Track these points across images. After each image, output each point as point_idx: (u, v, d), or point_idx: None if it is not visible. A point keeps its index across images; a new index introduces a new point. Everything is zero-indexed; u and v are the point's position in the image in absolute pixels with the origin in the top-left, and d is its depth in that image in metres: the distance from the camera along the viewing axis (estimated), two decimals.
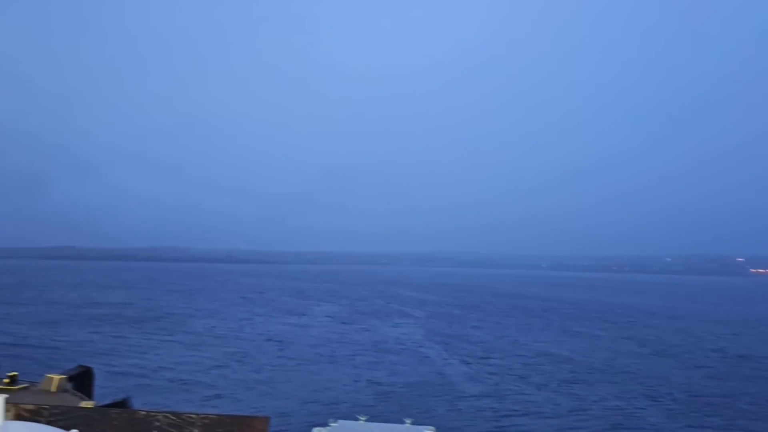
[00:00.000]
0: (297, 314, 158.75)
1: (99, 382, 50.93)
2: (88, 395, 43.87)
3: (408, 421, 18.68)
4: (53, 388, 42.60)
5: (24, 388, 42.21)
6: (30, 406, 19.80)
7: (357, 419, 19.05)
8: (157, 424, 19.42)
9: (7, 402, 13.53)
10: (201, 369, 78.88)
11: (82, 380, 45.49)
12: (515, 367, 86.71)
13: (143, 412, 19.92)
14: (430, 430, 17.94)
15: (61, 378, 43.47)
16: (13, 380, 41.96)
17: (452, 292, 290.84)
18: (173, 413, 20.18)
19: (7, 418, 12.96)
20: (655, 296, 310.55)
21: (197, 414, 20.16)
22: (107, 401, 41.44)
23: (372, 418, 19.53)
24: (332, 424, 19.05)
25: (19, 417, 19.49)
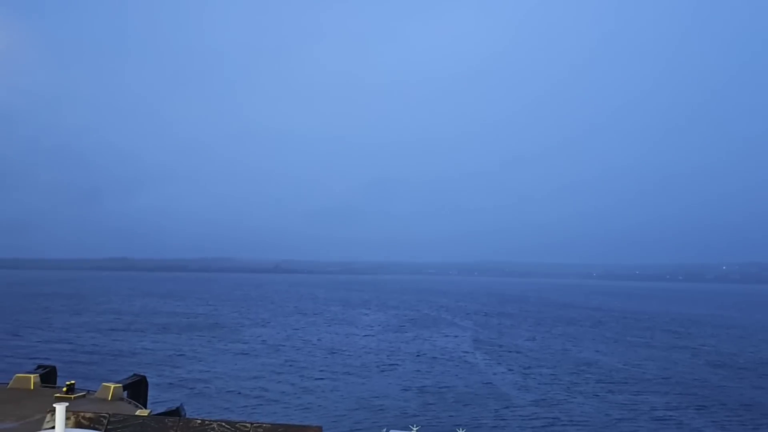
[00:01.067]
0: (346, 323, 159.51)
1: (152, 390, 52.21)
2: (143, 403, 44.99)
3: (460, 431, 18.57)
4: (109, 397, 43.83)
5: (82, 396, 43.54)
6: (89, 414, 20.45)
7: (409, 429, 19.04)
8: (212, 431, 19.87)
9: (68, 410, 14.05)
10: (252, 377, 79.84)
11: (136, 389, 46.71)
12: (564, 377, 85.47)
13: (198, 421, 20.39)
14: None
15: (116, 386, 44.71)
16: (71, 389, 43.31)
17: (500, 302, 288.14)
18: (227, 422, 20.60)
19: (67, 426, 13.44)
20: (710, 305, 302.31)
21: (251, 423, 20.51)
22: (161, 409, 42.38)
23: (423, 428, 19.50)
24: None
25: (79, 425, 20.17)
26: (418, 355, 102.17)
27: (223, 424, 19.52)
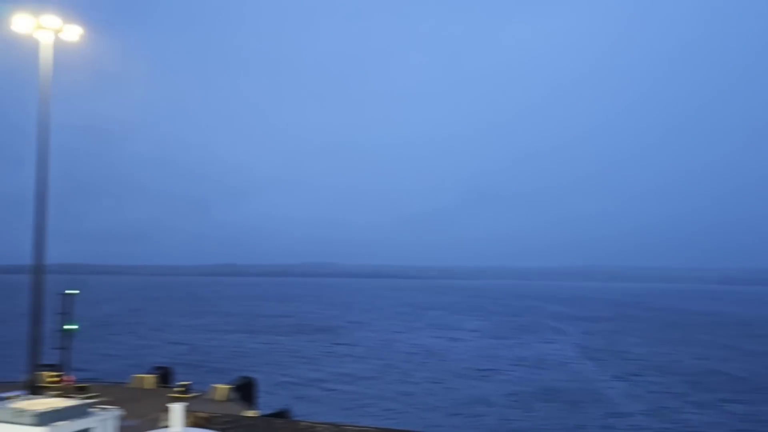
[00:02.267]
0: (446, 328, 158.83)
1: (261, 392, 53.72)
2: (251, 405, 46.43)
3: None
4: (220, 398, 45.58)
5: (195, 396, 45.49)
6: (204, 414, 21.31)
7: None
8: None
9: (184, 409, 14.65)
10: (356, 380, 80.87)
11: (245, 390, 48.30)
12: (675, 385, 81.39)
13: (305, 423, 20.78)
14: None
15: (227, 388, 46.46)
16: (186, 389, 45.32)
17: (606, 307, 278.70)
18: (333, 425, 20.87)
19: (184, 424, 13.97)
20: None
21: (356, 426, 20.71)
22: (269, 411, 43.59)
23: None
24: None
25: (194, 424, 21.02)
26: (520, 361, 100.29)
27: (330, 426, 19.72)
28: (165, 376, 50.06)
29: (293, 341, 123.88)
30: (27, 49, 44.65)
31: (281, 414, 38.62)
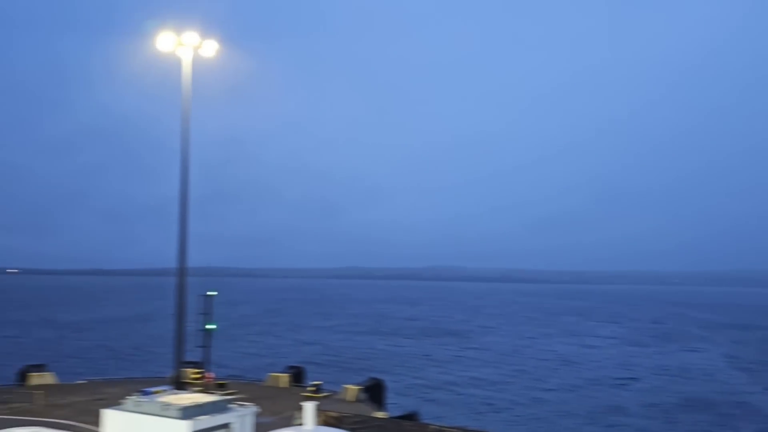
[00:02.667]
0: (579, 335, 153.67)
1: (389, 393, 54.34)
2: (380, 406, 47.03)
3: None
4: (350, 398, 46.55)
5: (326, 396, 46.76)
6: (335, 414, 21.88)
7: None
8: None
9: (316, 408, 15.07)
10: (485, 385, 79.96)
11: (374, 392, 48.98)
12: None
13: (434, 426, 20.81)
14: None
15: (357, 389, 47.36)
16: (317, 389, 46.69)
17: (759, 315, 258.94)
18: (462, 429, 20.74)
19: (315, 423, 14.37)
20: None
21: None
22: (398, 413, 43.98)
23: None
24: None
25: (325, 423, 21.60)
26: (662, 371, 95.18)
27: (459, 431, 19.57)
28: (298, 376, 51.78)
29: (422, 344, 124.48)
30: (167, 66, 47.89)
31: (410, 416, 38.82)
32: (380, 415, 35.83)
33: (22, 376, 48.21)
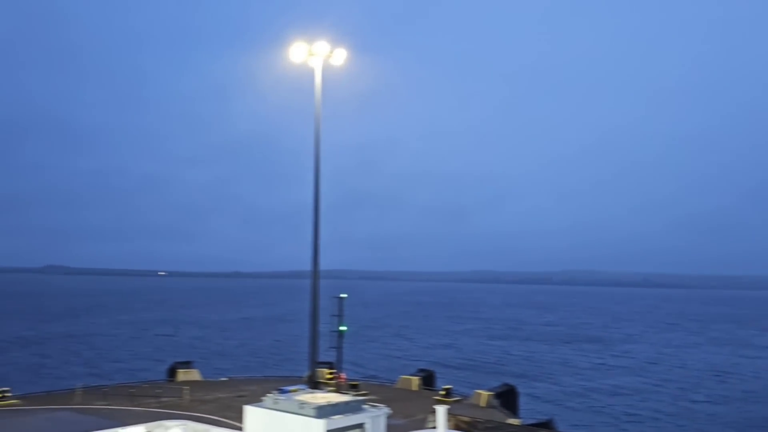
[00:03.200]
0: (732, 344, 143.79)
1: (523, 400, 53.35)
2: (513, 413, 46.27)
3: None
4: (482, 403, 46.12)
5: (458, 400, 46.63)
6: (467, 418, 21.81)
7: None
8: None
9: (448, 412, 15.09)
10: (623, 394, 76.47)
11: (507, 397, 48.25)
12: None
13: None
14: None
15: (489, 394, 46.86)
16: (448, 393, 46.66)
17: None
18: None
19: (447, 427, 14.41)
20: None
21: None
22: (532, 420, 43.09)
23: None
24: None
25: (457, 427, 21.57)
26: None
27: None
28: (428, 379, 51.97)
29: (558, 350, 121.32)
30: (301, 76, 49.67)
31: (545, 424, 37.92)
32: (513, 421, 35.27)
33: (171, 372, 51.72)
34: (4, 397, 39.67)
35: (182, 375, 50.38)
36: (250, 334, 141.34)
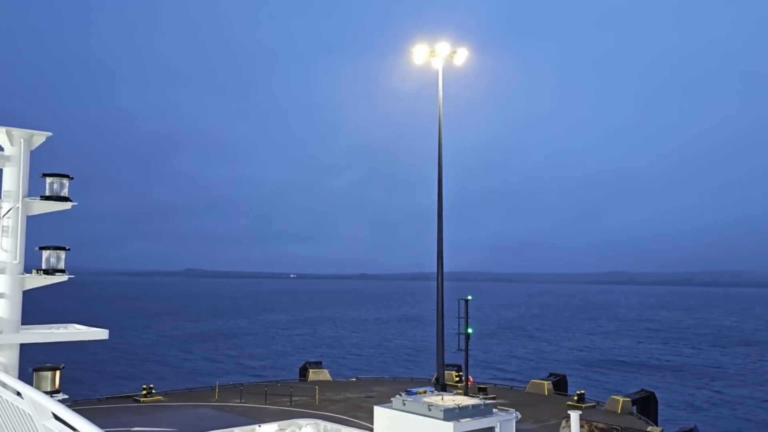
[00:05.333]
0: None
1: (662, 407, 50.74)
2: (653, 420, 44.09)
3: None
4: (618, 410, 44.34)
5: (592, 406, 45.08)
6: (602, 425, 20.98)
7: None
8: None
9: (581, 418, 14.57)
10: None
11: (645, 404, 46.09)
12: None
13: None
14: None
15: (625, 400, 44.97)
16: (581, 398, 45.27)
17: None
18: None
19: None
20: None
21: None
22: (673, 429, 40.88)
23: None
24: None
25: None
26: None
27: None
28: (560, 383, 50.58)
29: (701, 354, 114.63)
30: (425, 78, 49.87)
31: None
32: (653, 429, 33.61)
33: (303, 371, 53.38)
34: (149, 393, 42.48)
35: (313, 375, 51.85)
36: (379, 335, 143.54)
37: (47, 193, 9.74)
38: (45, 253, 9.86)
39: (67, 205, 9.91)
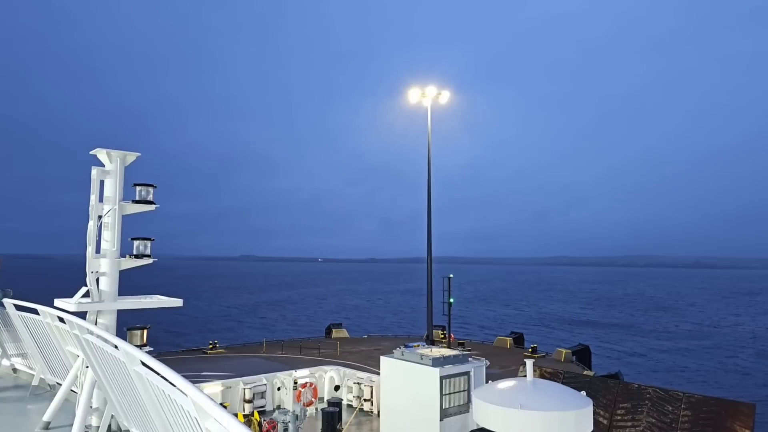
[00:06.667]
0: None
1: (595, 358, 50.53)
2: (588, 367, 43.91)
3: None
4: (562, 359, 44.16)
5: (542, 356, 44.91)
6: (549, 370, 20.89)
7: None
8: (648, 396, 18.10)
9: (534, 365, 14.57)
10: (679, 352, 70.86)
11: (582, 354, 45.91)
12: None
13: (635, 385, 18.84)
14: None
15: (567, 351, 44.81)
16: (535, 350, 45.10)
17: None
18: (661, 389, 18.52)
19: (534, 377, 13.88)
20: None
21: (683, 392, 18.03)
22: (602, 373, 40.70)
23: None
24: None
25: (541, 377, 20.72)
26: None
27: (658, 390, 17.53)
28: (519, 339, 50.42)
29: (626, 317, 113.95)
30: (415, 113, 49.73)
31: (614, 376, 35.70)
32: (587, 373, 33.44)
33: (328, 331, 53.36)
34: (214, 347, 42.51)
35: (335, 333, 51.84)
36: (384, 303, 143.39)
37: (137, 198, 9.79)
38: (136, 243, 9.90)
39: (152, 207, 9.95)
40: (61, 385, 9.73)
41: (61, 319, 9.48)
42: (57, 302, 9.28)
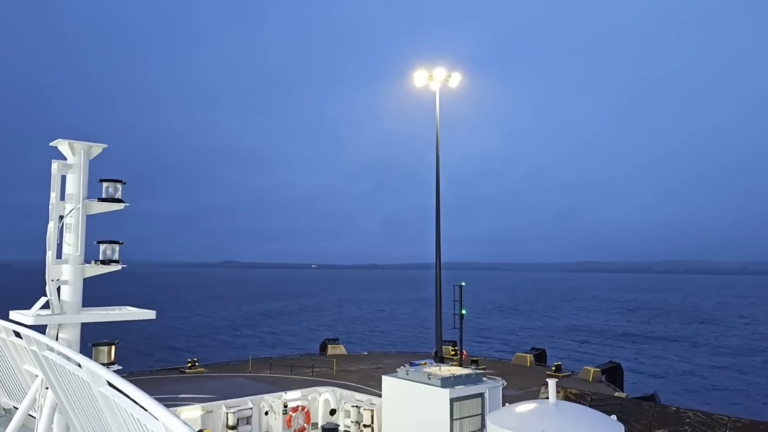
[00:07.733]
0: None
1: (627, 376, 50.48)
2: (619, 387, 43.90)
3: None
4: (590, 378, 44.17)
5: (567, 375, 44.90)
6: (575, 390, 20.89)
7: None
8: (688, 420, 18.09)
9: (558, 385, 14.55)
10: (722, 369, 70.76)
11: (613, 373, 45.91)
12: None
13: (673, 408, 18.84)
14: None
15: (596, 370, 44.81)
16: (558, 368, 45.08)
17: None
18: (703, 413, 18.50)
19: (557, 398, 13.84)
20: None
21: (728, 416, 17.99)
22: (636, 394, 40.69)
23: None
24: None
25: (566, 398, 20.70)
26: None
27: (699, 414, 17.51)
28: (540, 356, 50.42)
29: (662, 330, 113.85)
30: (422, 99, 49.65)
31: (648, 398, 35.67)
32: (620, 395, 33.42)
33: (322, 347, 53.41)
34: (193, 365, 42.57)
35: (331, 350, 51.89)
36: (386, 316, 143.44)
37: (103, 196, 9.78)
38: (102, 246, 9.89)
39: (120, 206, 9.94)
40: (17, 409, 9.74)
41: (17, 334, 9.47)
42: (12, 314, 9.29)
